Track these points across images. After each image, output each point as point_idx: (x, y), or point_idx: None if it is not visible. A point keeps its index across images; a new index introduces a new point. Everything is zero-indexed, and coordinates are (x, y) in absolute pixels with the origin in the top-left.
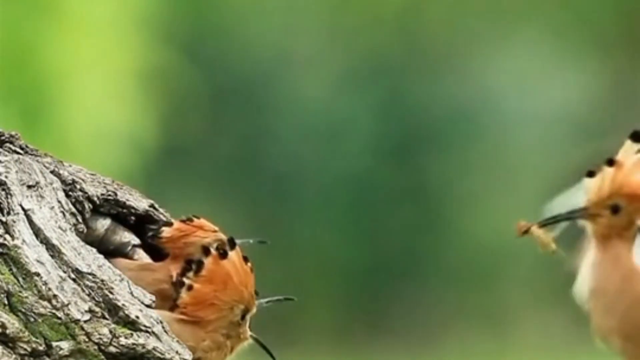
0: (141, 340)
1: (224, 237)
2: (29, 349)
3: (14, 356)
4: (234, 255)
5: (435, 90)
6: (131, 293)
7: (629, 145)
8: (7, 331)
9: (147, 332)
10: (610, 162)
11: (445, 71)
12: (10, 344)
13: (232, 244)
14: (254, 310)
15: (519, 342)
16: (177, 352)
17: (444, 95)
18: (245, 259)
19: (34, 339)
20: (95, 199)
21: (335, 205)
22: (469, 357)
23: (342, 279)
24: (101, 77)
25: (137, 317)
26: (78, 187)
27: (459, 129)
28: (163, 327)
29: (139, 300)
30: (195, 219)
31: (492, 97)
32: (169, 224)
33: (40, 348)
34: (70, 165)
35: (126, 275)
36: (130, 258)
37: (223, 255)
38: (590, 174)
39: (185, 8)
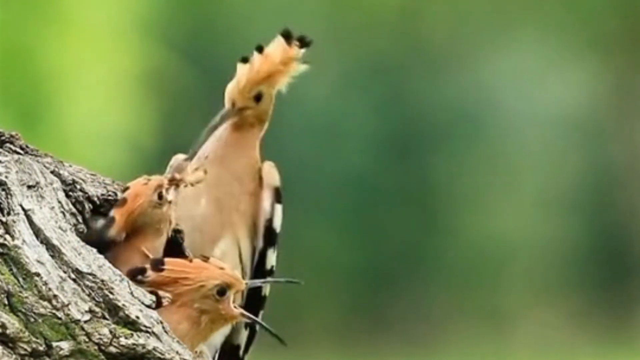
0: (141, 341)
1: (160, 179)
2: (29, 349)
3: (14, 356)
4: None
5: (435, 90)
6: (131, 293)
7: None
8: (8, 331)
9: (147, 332)
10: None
11: (445, 71)
12: (10, 344)
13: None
14: (240, 288)
15: (519, 342)
16: (177, 352)
17: (444, 95)
18: None
19: (34, 339)
20: (96, 199)
21: (335, 205)
22: (469, 357)
23: (342, 278)
24: (101, 78)
25: (137, 317)
26: (78, 187)
27: (459, 129)
28: (163, 327)
29: (139, 300)
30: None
31: (493, 97)
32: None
33: (41, 348)
34: (70, 166)
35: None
36: None
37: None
38: (244, 60)
39: (183, 10)
